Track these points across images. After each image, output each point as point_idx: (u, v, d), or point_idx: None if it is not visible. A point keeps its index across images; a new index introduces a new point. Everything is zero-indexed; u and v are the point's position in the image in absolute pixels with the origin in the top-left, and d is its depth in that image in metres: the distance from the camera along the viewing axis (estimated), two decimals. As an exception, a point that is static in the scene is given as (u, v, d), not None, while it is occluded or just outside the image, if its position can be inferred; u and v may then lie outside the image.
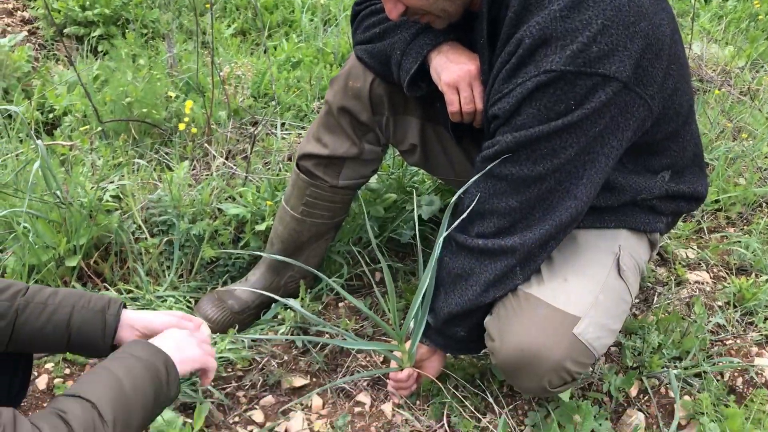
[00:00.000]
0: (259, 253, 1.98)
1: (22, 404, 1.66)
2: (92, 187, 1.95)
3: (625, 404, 1.79)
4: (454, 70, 1.50)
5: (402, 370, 1.65)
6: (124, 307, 1.31)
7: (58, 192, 1.86)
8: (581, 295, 1.45)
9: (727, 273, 2.28)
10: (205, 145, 2.34)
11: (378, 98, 1.72)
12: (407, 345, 1.64)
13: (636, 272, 1.58)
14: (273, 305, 2.00)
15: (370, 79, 1.70)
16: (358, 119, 1.75)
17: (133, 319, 1.27)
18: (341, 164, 1.81)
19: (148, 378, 1.06)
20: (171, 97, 2.52)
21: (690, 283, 2.20)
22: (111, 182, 2.08)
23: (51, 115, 2.68)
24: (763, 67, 3.64)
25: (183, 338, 1.24)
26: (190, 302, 1.99)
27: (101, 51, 3.21)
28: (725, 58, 3.45)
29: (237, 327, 1.89)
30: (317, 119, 1.82)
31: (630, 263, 1.55)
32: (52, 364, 1.81)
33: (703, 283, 2.21)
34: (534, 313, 1.44)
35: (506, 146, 1.36)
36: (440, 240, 1.51)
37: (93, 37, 3.23)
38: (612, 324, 1.49)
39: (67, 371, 1.81)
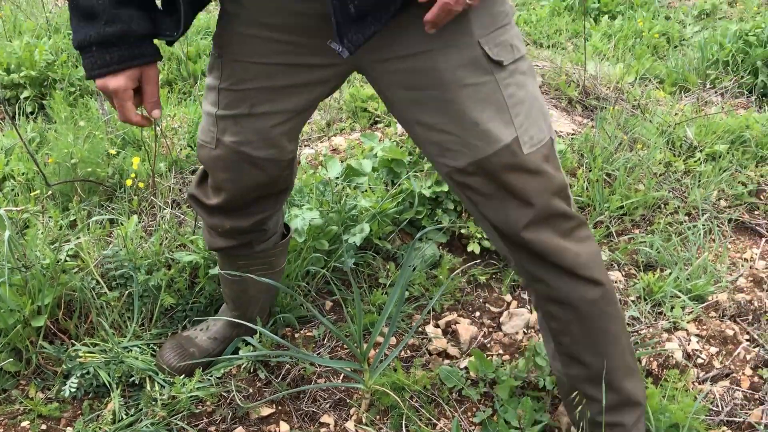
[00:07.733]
0: (222, 317, 2.08)
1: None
2: (53, 249, 2.05)
3: (560, 397, 2.02)
4: None
5: (365, 388, 1.83)
6: None
7: (18, 257, 1.95)
8: None
9: (636, 270, 2.56)
10: (151, 198, 2.46)
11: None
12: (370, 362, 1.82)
13: None
14: (233, 341, 2.13)
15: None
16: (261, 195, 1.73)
17: None
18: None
19: None
20: (112, 153, 2.63)
21: (605, 283, 2.47)
22: (67, 242, 2.18)
23: (-10, 182, 2.73)
24: (650, 80, 4.03)
25: None
26: (154, 350, 2.10)
27: (30, 112, 3.27)
28: (617, 76, 3.82)
29: (201, 368, 2.02)
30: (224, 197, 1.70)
31: None
32: None
33: (616, 282, 2.49)
34: None
35: None
36: (406, 267, 1.69)
37: (23, 99, 3.29)
38: None
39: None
